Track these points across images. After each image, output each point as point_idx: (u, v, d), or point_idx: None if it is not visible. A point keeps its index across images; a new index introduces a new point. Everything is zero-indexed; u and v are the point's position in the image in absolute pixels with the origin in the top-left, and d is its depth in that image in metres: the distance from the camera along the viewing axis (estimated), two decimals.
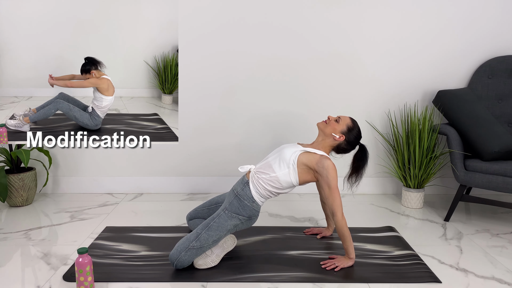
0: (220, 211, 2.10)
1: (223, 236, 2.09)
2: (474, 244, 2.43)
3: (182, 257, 2.03)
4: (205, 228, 2.06)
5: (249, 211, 2.09)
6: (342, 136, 2.15)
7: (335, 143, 2.17)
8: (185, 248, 2.03)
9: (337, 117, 2.19)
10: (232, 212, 2.08)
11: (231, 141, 3.21)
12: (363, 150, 2.21)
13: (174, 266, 2.06)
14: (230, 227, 2.07)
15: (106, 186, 3.26)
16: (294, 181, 2.10)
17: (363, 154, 2.20)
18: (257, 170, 2.14)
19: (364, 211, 2.94)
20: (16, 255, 2.27)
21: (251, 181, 2.11)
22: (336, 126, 2.15)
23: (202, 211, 2.38)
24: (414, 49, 3.09)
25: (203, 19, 3.04)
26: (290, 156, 2.09)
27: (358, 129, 2.20)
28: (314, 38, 3.07)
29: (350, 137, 2.17)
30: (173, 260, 2.04)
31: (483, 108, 2.86)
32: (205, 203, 2.41)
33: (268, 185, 2.09)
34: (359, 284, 1.99)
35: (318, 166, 2.06)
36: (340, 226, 2.04)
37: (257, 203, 2.11)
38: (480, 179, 2.61)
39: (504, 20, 3.05)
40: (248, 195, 2.09)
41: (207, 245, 2.04)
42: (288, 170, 2.08)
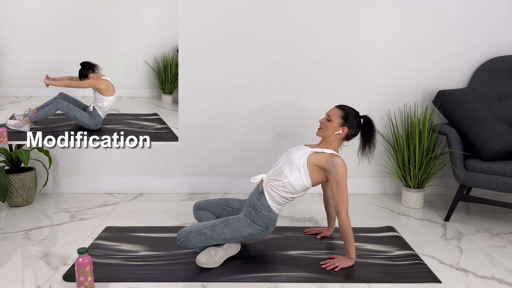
0: (241, 215, 2.12)
1: (234, 240, 2.11)
2: (474, 244, 2.43)
3: (191, 238, 2.05)
4: (223, 223, 2.08)
5: (266, 221, 2.10)
6: (343, 128, 2.14)
7: (342, 137, 2.17)
8: (197, 231, 2.05)
9: (327, 116, 2.18)
10: (251, 221, 2.09)
11: (231, 141, 3.21)
12: (368, 121, 2.20)
13: (179, 243, 2.06)
14: (245, 234, 2.09)
15: (106, 186, 3.26)
16: (307, 183, 2.10)
17: (369, 125, 2.19)
18: (269, 178, 2.14)
19: (364, 211, 2.94)
20: (16, 255, 2.27)
21: (266, 190, 2.12)
22: (332, 125, 2.15)
23: (216, 207, 2.34)
24: (414, 49, 3.09)
25: (203, 19, 3.04)
26: (300, 159, 2.09)
27: (351, 110, 2.18)
28: (314, 39, 3.07)
29: (350, 123, 2.16)
30: (181, 237, 2.06)
31: (483, 108, 2.86)
32: (220, 200, 2.37)
33: (283, 191, 2.10)
34: (359, 284, 1.99)
35: (328, 165, 2.05)
36: (344, 225, 2.04)
37: (274, 212, 2.12)
38: (480, 179, 2.61)
39: (504, 20, 3.05)
40: (264, 205, 2.10)
41: (217, 238, 2.06)
42: (300, 173, 2.08)
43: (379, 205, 3.07)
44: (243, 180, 3.19)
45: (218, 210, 2.33)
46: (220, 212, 2.33)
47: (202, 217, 2.33)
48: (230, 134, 3.20)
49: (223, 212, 2.32)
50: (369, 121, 2.20)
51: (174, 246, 2.33)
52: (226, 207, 2.33)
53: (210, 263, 2.09)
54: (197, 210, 2.37)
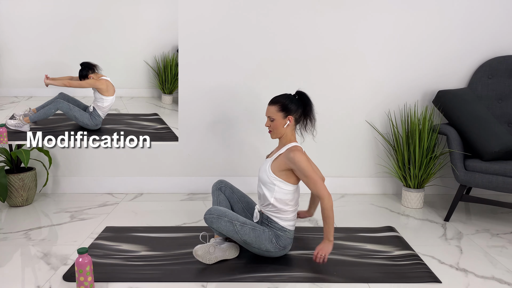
0: (266, 228, 2.13)
1: (251, 247, 2.12)
2: (474, 244, 2.43)
3: (222, 221, 2.04)
4: (251, 226, 2.09)
5: (284, 241, 2.13)
6: (288, 117, 2.13)
7: (293, 125, 2.16)
8: (230, 219, 2.05)
9: (268, 118, 2.15)
10: (273, 237, 2.11)
11: (231, 141, 3.21)
12: (302, 96, 2.18)
13: (210, 217, 2.05)
14: (264, 248, 2.11)
15: (106, 186, 3.26)
16: (290, 187, 2.11)
17: (305, 99, 2.17)
18: (262, 207, 2.18)
19: (364, 211, 2.94)
20: (16, 255, 2.27)
21: (270, 216, 2.14)
22: (277, 123, 2.13)
23: (237, 203, 2.33)
24: (414, 49, 3.09)
25: (203, 19, 3.04)
26: (267, 175, 2.12)
27: (284, 97, 2.15)
28: (314, 39, 3.07)
29: (290, 108, 2.13)
30: (214, 214, 2.05)
31: (483, 108, 2.86)
32: (244, 197, 2.35)
33: (281, 210, 2.11)
34: (359, 284, 1.99)
35: (289, 163, 2.07)
36: (326, 208, 2.01)
37: (289, 230, 2.14)
38: (480, 179, 2.61)
39: (504, 21, 3.05)
40: (278, 227, 2.13)
41: (241, 236, 2.06)
42: (276, 186, 2.10)
43: (379, 205, 3.07)
44: (243, 180, 3.19)
45: (238, 208, 2.34)
46: (239, 211, 2.33)
47: (221, 202, 2.31)
48: (230, 134, 3.20)
49: (242, 213, 2.32)
50: (304, 95, 2.18)
51: (174, 246, 2.33)
52: (247, 210, 2.33)
53: (205, 259, 2.10)
54: (220, 192, 2.34)
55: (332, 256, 2.22)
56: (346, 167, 3.26)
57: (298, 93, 2.19)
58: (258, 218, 2.19)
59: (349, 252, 2.28)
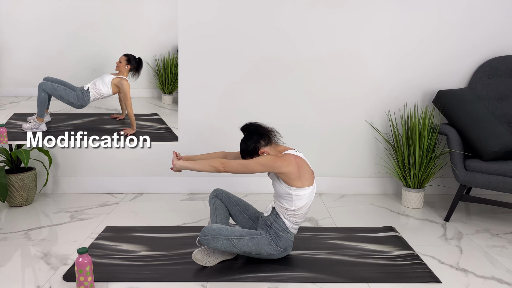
0: (263, 232, 2.13)
1: (252, 255, 2.12)
2: (474, 244, 2.43)
3: (218, 240, 2.04)
4: (248, 235, 2.09)
5: (285, 242, 2.13)
6: (260, 153, 2.11)
7: (271, 149, 2.14)
8: (226, 236, 2.05)
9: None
10: (272, 240, 2.11)
11: (231, 141, 3.21)
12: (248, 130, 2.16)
13: (204, 239, 2.05)
14: (264, 252, 2.11)
15: (106, 186, 3.26)
16: (303, 192, 2.08)
17: (251, 131, 2.15)
18: (276, 200, 2.16)
19: (364, 211, 2.94)
20: (16, 255, 2.27)
21: (279, 212, 2.13)
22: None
23: (234, 207, 2.33)
24: (414, 49, 3.09)
25: (203, 18, 3.04)
26: (281, 188, 2.11)
27: (242, 146, 2.14)
28: (315, 39, 3.07)
29: (254, 149, 2.11)
30: (209, 234, 2.04)
31: (483, 108, 2.86)
32: (240, 201, 2.34)
33: (288, 208, 2.10)
34: (359, 284, 1.99)
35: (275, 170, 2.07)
36: (211, 165, 2.07)
37: (291, 233, 2.14)
38: (480, 179, 2.61)
39: (504, 21, 3.05)
40: (282, 227, 2.12)
41: (240, 249, 2.07)
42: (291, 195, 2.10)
43: (379, 205, 3.07)
44: (243, 180, 3.19)
45: (234, 210, 2.33)
46: (236, 213, 2.32)
47: (217, 207, 2.30)
48: (230, 134, 3.19)
49: (239, 216, 2.32)
50: (249, 128, 2.16)
51: (174, 246, 2.33)
52: (244, 212, 2.32)
53: (205, 262, 2.10)
54: (216, 199, 2.33)
55: (332, 256, 2.22)
56: (346, 167, 3.26)
57: (243, 130, 2.18)
58: (269, 212, 2.16)
59: (349, 252, 2.28)
